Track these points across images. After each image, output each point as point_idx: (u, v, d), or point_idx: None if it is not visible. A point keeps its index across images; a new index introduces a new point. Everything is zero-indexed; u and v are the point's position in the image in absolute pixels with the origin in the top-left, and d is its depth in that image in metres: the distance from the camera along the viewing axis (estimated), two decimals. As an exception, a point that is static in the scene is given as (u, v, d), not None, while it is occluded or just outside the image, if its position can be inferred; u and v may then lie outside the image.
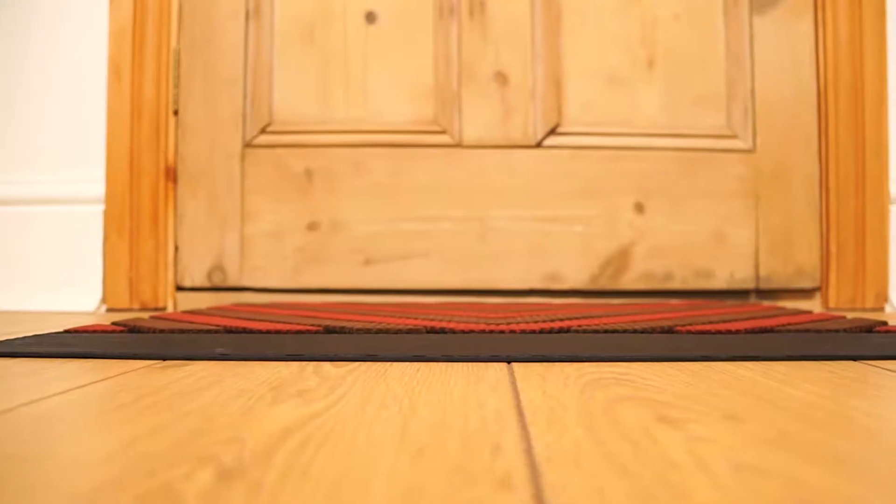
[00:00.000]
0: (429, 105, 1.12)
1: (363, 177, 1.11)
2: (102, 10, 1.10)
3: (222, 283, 1.11)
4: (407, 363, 0.56)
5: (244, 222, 1.11)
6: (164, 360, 0.58)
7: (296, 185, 1.11)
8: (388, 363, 0.56)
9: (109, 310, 1.10)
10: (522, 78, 1.12)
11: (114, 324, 0.72)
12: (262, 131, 1.13)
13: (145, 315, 0.91)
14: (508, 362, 0.56)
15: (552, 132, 1.12)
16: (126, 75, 1.10)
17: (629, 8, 1.12)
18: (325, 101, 1.12)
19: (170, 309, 1.11)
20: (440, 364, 0.55)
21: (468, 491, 0.26)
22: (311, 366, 0.55)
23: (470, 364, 0.55)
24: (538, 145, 1.12)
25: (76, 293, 1.09)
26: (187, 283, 1.11)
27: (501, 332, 0.64)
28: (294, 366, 0.55)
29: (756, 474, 0.28)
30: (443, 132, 1.12)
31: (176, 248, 1.11)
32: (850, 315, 1.01)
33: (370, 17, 1.13)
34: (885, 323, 0.72)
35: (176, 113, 1.12)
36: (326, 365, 0.56)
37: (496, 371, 0.52)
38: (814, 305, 1.13)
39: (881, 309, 1.12)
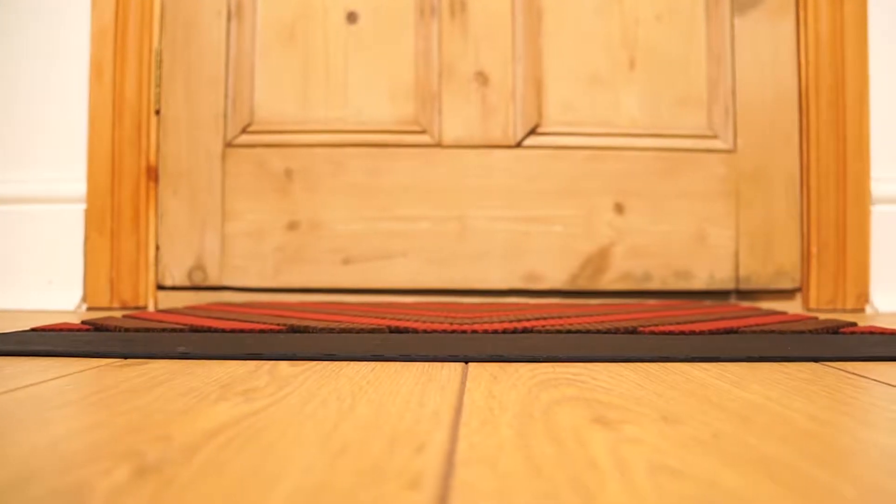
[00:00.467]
0: (409, 105, 1.12)
1: (343, 176, 1.11)
2: (85, 10, 1.10)
3: (203, 282, 1.11)
4: (364, 363, 0.56)
5: (225, 222, 1.11)
6: (126, 358, 0.58)
7: (276, 184, 1.11)
8: (345, 362, 0.56)
9: (90, 308, 1.10)
10: (503, 78, 1.12)
11: (83, 322, 0.72)
12: (243, 131, 1.13)
13: (124, 314, 0.91)
14: (466, 362, 0.56)
15: (532, 132, 1.12)
16: (108, 75, 1.10)
17: (610, 8, 1.12)
18: (305, 101, 1.12)
19: (150, 308, 1.11)
20: (397, 364, 0.55)
21: (373, 490, 0.26)
22: (267, 365, 0.55)
23: (427, 364, 0.55)
24: (518, 145, 1.12)
25: (58, 292, 1.09)
26: (168, 282, 1.11)
27: (464, 332, 0.64)
28: (251, 364, 0.55)
29: (672, 476, 0.28)
30: (423, 132, 1.12)
31: (157, 248, 1.12)
32: (830, 316, 1.01)
33: (351, 17, 1.13)
34: (854, 324, 0.71)
35: (158, 113, 1.12)
36: (283, 364, 0.55)
37: (450, 371, 0.52)
38: (794, 306, 1.12)
39: (862, 310, 1.11)
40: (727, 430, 0.35)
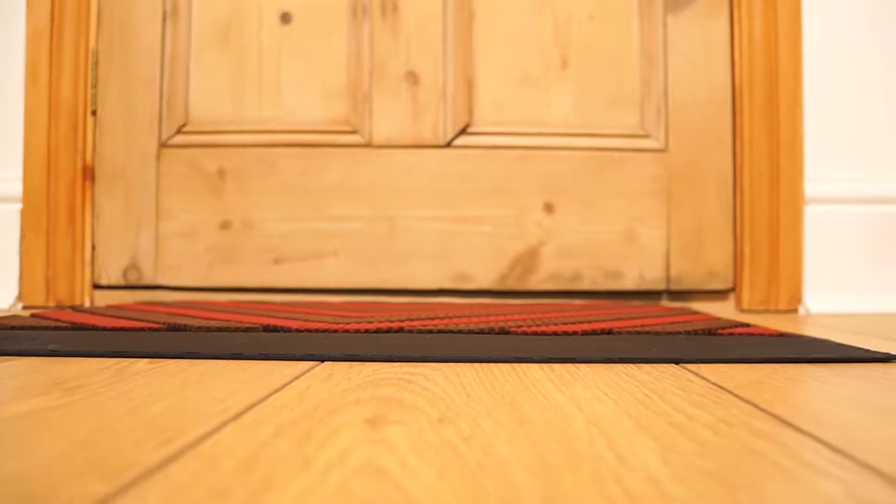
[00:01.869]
0: (341, 105, 1.12)
1: (275, 176, 1.12)
2: (20, 11, 1.11)
3: (138, 281, 1.12)
4: (223, 360, 0.56)
5: (159, 221, 1.12)
6: (-2, 356, 0.59)
7: (209, 184, 1.12)
8: (203, 360, 0.56)
9: (26, 307, 1.12)
10: (433, 78, 1.12)
11: (-18, 321, 0.73)
12: (178, 131, 1.14)
13: (32, 313, 0.91)
14: (321, 361, 0.56)
15: (463, 132, 1.12)
16: (43, 76, 1.11)
17: (543, 7, 1.12)
18: (239, 102, 1.13)
19: (87, 307, 1.12)
20: (252, 362, 0.56)
21: (69, 480, 0.27)
22: (125, 362, 0.56)
23: (278, 362, 0.55)
24: (448, 145, 1.12)
25: (-5, 291, 1.11)
26: (104, 281, 1.12)
27: (335, 331, 0.64)
28: (109, 362, 0.56)
29: (371, 477, 0.28)
30: (354, 132, 1.12)
31: (93, 247, 1.13)
32: (762, 317, 1.00)
33: (285, 18, 1.13)
34: (746, 325, 0.71)
35: (94, 113, 1.13)
36: (142, 362, 0.56)
37: (293, 370, 0.52)
38: (727, 307, 1.12)
39: (794, 311, 1.11)
40: (490, 432, 0.35)
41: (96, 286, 1.13)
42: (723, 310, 1.11)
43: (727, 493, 0.26)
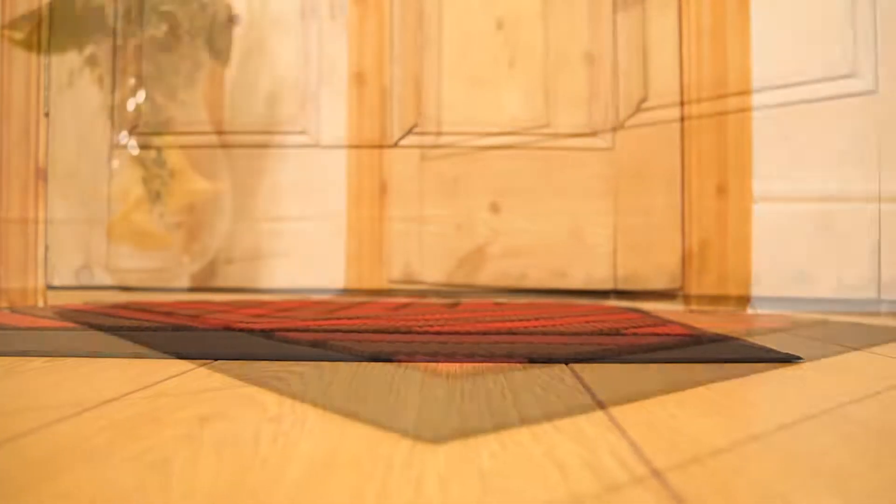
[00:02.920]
0: (290, 106, 1.13)
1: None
2: (-27, 15, 1.13)
3: (90, 282, 1.13)
4: (121, 359, 0.57)
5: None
6: None
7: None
8: (102, 359, 0.57)
9: (-20, 308, 1.13)
10: (381, 78, 1.12)
11: None
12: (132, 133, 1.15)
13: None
14: (215, 360, 0.57)
15: (410, 132, 1.13)
16: (-4, 78, 1.12)
17: (492, 7, 1.12)
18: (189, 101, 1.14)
19: (36, 307, 1.13)
20: (149, 360, 0.56)
21: None
22: (24, 361, 0.56)
23: (174, 360, 0.56)
24: (395, 145, 1.13)
25: (-49, 291, 1.12)
26: (56, 282, 1.13)
27: (241, 330, 0.65)
28: (7, 361, 0.56)
29: (143, 471, 0.28)
30: (302, 132, 1.13)
31: (46, 248, 1.14)
32: (710, 318, 1.00)
33: (233, 20, 1.14)
34: (663, 322, 0.71)
35: (47, 115, 1.14)
36: (40, 360, 0.57)
37: (181, 367, 0.53)
38: (676, 306, 1.12)
39: (743, 309, 1.10)
40: (307, 429, 0.35)
41: (50, 287, 1.14)
42: (671, 309, 1.11)
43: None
